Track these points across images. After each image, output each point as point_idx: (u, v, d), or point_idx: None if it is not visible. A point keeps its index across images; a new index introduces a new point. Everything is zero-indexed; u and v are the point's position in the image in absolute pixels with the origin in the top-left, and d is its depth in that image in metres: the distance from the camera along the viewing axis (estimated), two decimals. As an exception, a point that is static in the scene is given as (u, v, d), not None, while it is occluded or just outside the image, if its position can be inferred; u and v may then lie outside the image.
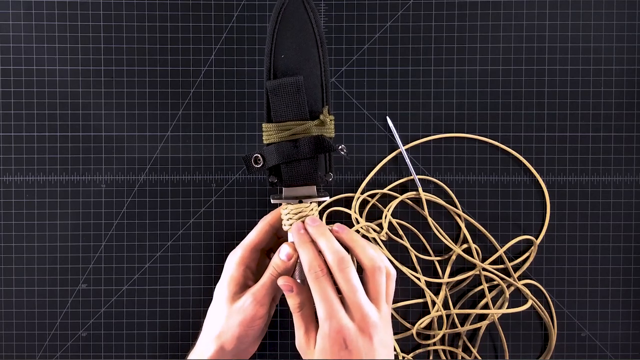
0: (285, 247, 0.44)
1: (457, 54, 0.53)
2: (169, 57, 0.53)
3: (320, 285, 0.40)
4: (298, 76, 0.42)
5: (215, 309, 0.45)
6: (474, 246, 0.53)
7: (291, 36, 0.43)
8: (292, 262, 0.44)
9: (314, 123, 0.43)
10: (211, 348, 0.44)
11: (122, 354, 0.54)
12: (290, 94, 0.42)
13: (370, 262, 0.42)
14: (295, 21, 0.43)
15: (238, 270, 0.46)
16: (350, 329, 0.39)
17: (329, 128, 0.44)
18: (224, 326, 0.44)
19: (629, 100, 0.54)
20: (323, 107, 0.44)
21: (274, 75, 0.43)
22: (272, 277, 0.44)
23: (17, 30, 0.53)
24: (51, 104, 0.53)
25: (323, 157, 0.45)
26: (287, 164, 0.43)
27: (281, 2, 0.42)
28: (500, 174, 0.54)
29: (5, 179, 0.53)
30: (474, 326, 0.53)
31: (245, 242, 0.47)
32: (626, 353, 0.54)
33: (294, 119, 0.43)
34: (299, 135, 0.43)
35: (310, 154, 0.43)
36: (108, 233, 0.54)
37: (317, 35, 0.43)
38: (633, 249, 0.54)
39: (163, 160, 0.54)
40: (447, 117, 0.54)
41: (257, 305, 0.43)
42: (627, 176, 0.54)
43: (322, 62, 0.44)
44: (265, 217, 0.48)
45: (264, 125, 0.44)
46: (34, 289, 0.54)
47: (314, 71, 0.44)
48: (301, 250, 0.42)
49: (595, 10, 0.53)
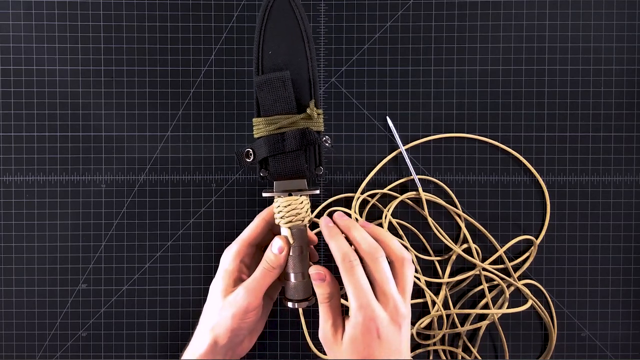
0: (277, 241, 0.44)
1: (457, 54, 0.53)
2: (169, 57, 0.53)
3: (354, 275, 0.41)
4: (284, 71, 0.44)
5: (210, 302, 0.46)
6: (474, 246, 0.53)
7: (278, 33, 0.44)
8: (284, 255, 0.44)
9: (301, 116, 0.44)
10: (206, 340, 0.44)
11: (122, 354, 0.54)
12: (277, 89, 0.44)
13: (399, 254, 0.43)
14: (281, 18, 0.44)
15: (233, 264, 0.46)
16: (383, 319, 0.40)
17: (318, 122, 0.45)
18: (217, 319, 0.44)
19: (629, 100, 0.54)
20: (310, 100, 0.45)
21: (262, 70, 0.45)
22: (265, 270, 0.44)
23: (17, 30, 0.53)
24: (51, 104, 0.53)
25: (312, 151, 0.46)
26: (274, 156, 0.45)
27: (267, 0, 0.44)
28: (500, 174, 0.54)
29: (5, 179, 0.53)
30: (474, 326, 0.53)
31: (241, 237, 0.47)
32: (626, 353, 0.54)
33: (281, 112, 0.44)
34: (285, 128, 0.44)
35: (296, 146, 0.44)
36: (108, 233, 0.54)
37: (304, 32, 0.45)
38: (633, 249, 0.54)
39: (163, 160, 0.54)
40: (447, 117, 0.54)
41: (249, 297, 0.44)
42: (627, 176, 0.54)
43: (308, 57, 0.45)
44: (260, 213, 0.48)
45: (254, 119, 0.45)
46: (34, 289, 0.54)
47: (301, 66, 0.45)
48: (332, 241, 0.43)
49: (595, 10, 0.53)
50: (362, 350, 0.40)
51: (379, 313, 0.40)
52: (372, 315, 0.40)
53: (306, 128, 0.44)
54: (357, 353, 0.40)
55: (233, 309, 0.44)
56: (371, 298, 0.40)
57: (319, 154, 0.46)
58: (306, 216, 0.45)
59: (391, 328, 0.40)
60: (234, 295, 0.44)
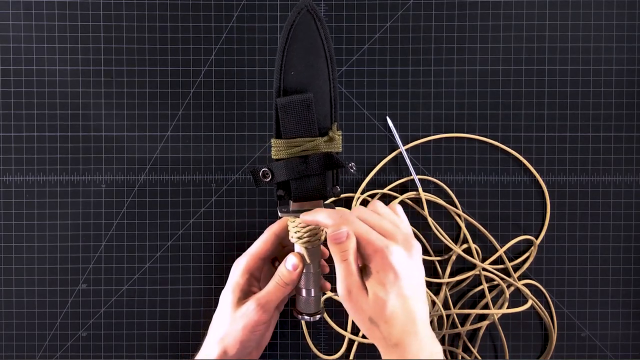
0: (291, 258, 0.45)
1: (457, 54, 0.53)
2: (169, 57, 0.53)
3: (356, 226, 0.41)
4: (308, 93, 0.42)
5: (220, 313, 0.46)
6: (474, 246, 0.53)
7: (301, 53, 0.42)
8: (298, 272, 0.44)
9: (323, 140, 0.43)
10: (215, 351, 0.45)
11: (122, 354, 0.54)
12: (300, 111, 0.42)
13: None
14: (305, 37, 0.42)
15: (243, 278, 0.46)
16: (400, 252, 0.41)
17: (337, 144, 0.44)
18: (227, 330, 0.45)
19: (629, 100, 0.54)
20: (332, 123, 0.44)
21: (284, 91, 0.43)
22: (278, 285, 0.44)
23: (17, 30, 0.53)
24: (51, 104, 0.53)
25: (331, 171, 0.45)
26: (296, 180, 0.43)
27: (292, 18, 0.42)
28: (500, 174, 0.54)
29: (5, 179, 0.53)
30: (474, 326, 0.53)
31: (251, 251, 0.48)
32: (626, 353, 0.54)
33: (303, 135, 0.43)
34: (308, 151, 0.43)
35: (319, 170, 0.43)
36: (108, 233, 0.54)
37: (327, 52, 0.43)
38: (633, 249, 0.54)
39: (163, 160, 0.54)
40: (447, 117, 0.54)
41: (260, 311, 0.44)
42: (627, 176, 0.54)
43: (331, 78, 0.43)
44: (270, 226, 0.48)
45: (273, 140, 0.43)
46: (34, 289, 0.54)
47: (323, 88, 0.43)
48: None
49: (595, 10, 0.53)
50: (399, 290, 0.40)
51: (393, 248, 0.40)
52: (386, 252, 0.40)
53: (329, 152, 0.43)
54: (397, 294, 0.39)
55: (244, 321, 0.44)
56: (380, 237, 0.41)
57: (337, 174, 0.45)
58: (322, 235, 0.45)
59: (408, 261, 0.41)
60: (244, 308, 0.45)
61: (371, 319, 0.40)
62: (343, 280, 0.41)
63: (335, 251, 0.41)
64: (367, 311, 0.40)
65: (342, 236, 0.41)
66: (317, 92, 0.43)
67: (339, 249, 0.41)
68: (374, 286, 0.40)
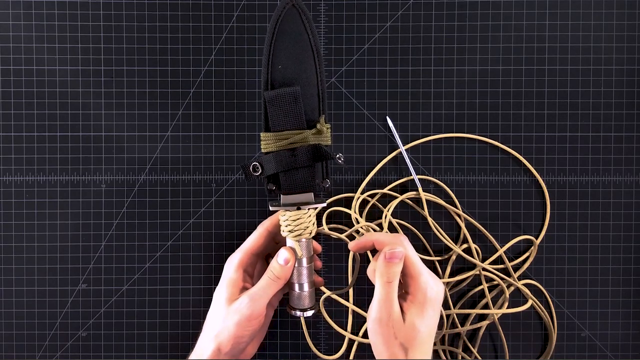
0: (283, 252, 0.45)
1: (457, 54, 0.53)
2: (169, 57, 0.53)
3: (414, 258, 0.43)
4: (295, 87, 0.43)
5: (214, 310, 0.46)
6: (474, 246, 0.53)
7: (288, 47, 0.43)
8: (290, 266, 0.44)
9: (311, 132, 0.44)
10: (209, 347, 0.44)
11: (122, 354, 0.54)
12: (288, 104, 0.43)
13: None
14: (292, 32, 0.43)
15: (236, 274, 0.46)
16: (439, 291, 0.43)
17: (326, 136, 0.45)
18: (221, 326, 0.45)
19: (629, 100, 0.54)
20: (320, 116, 0.45)
21: (272, 85, 0.44)
22: (270, 280, 0.45)
23: (17, 30, 0.53)
24: (51, 104, 0.53)
25: (320, 164, 0.46)
26: (285, 172, 0.44)
27: (278, 13, 0.43)
28: (500, 174, 0.54)
29: (5, 179, 0.53)
30: (474, 326, 0.53)
31: (244, 247, 0.48)
32: (626, 353, 0.54)
33: (291, 128, 0.44)
34: (296, 144, 0.44)
35: (308, 162, 0.44)
36: (108, 233, 0.54)
37: (314, 46, 0.44)
38: (633, 249, 0.54)
39: (163, 160, 0.54)
40: (447, 117, 0.54)
41: (253, 306, 0.44)
42: (627, 176, 0.54)
43: (318, 72, 0.44)
44: (263, 222, 0.49)
45: (262, 134, 0.44)
46: (34, 289, 0.54)
47: (311, 81, 0.44)
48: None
49: (595, 10, 0.53)
50: (430, 322, 0.42)
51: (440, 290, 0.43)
52: (434, 292, 0.42)
53: (317, 144, 0.44)
54: (427, 326, 0.41)
55: (237, 316, 0.44)
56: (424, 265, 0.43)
57: (326, 167, 0.46)
58: (313, 229, 0.45)
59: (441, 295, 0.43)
60: (238, 303, 0.45)
61: (402, 344, 0.41)
62: (383, 302, 0.41)
63: (384, 272, 0.42)
64: (400, 337, 0.41)
65: (399, 255, 0.42)
66: (304, 85, 0.44)
67: (390, 269, 0.42)
68: (412, 313, 0.41)
